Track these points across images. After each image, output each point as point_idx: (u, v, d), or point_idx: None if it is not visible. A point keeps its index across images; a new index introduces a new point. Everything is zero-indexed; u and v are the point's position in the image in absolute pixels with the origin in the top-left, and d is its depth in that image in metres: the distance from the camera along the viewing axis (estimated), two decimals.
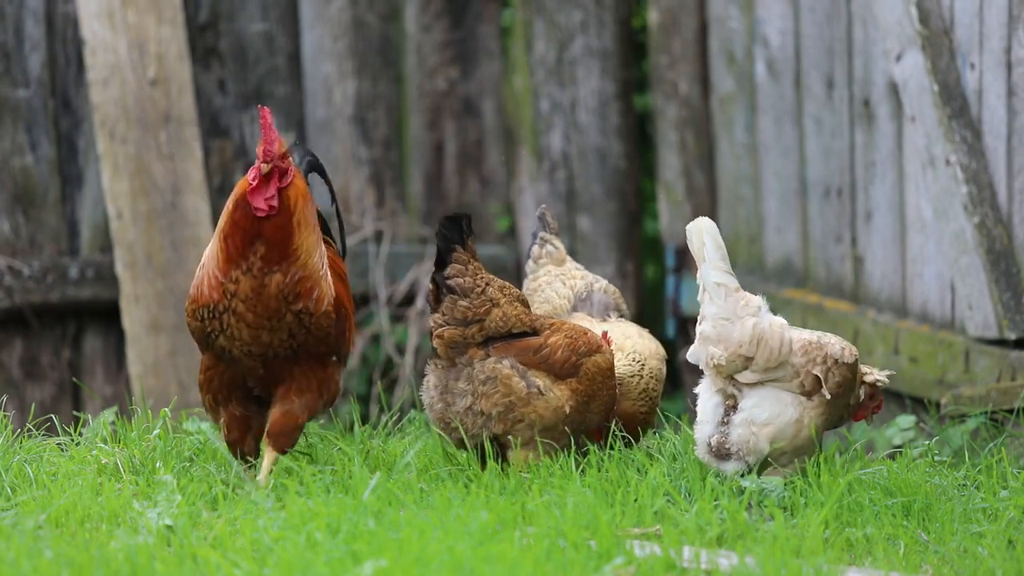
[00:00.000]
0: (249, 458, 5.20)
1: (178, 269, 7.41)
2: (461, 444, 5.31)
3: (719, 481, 5.04)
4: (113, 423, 5.75)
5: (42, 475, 5.03)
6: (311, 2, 7.88)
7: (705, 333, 5.24)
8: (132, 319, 7.43)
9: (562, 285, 5.88)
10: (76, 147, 7.50)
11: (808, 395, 5.22)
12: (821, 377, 5.20)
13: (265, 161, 5.02)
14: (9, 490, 4.97)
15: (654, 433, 5.74)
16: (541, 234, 5.98)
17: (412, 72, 8.06)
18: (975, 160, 6.32)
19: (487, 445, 5.21)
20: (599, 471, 5.10)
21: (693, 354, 5.28)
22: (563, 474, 5.04)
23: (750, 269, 7.57)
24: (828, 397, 5.20)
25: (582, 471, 5.16)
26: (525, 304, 5.37)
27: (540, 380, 5.24)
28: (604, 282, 5.90)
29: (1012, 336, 6.24)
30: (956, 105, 6.38)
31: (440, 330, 5.21)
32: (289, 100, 7.88)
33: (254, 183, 5.03)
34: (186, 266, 7.45)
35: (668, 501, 4.88)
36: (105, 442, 5.35)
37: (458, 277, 5.22)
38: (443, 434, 5.34)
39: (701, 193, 7.92)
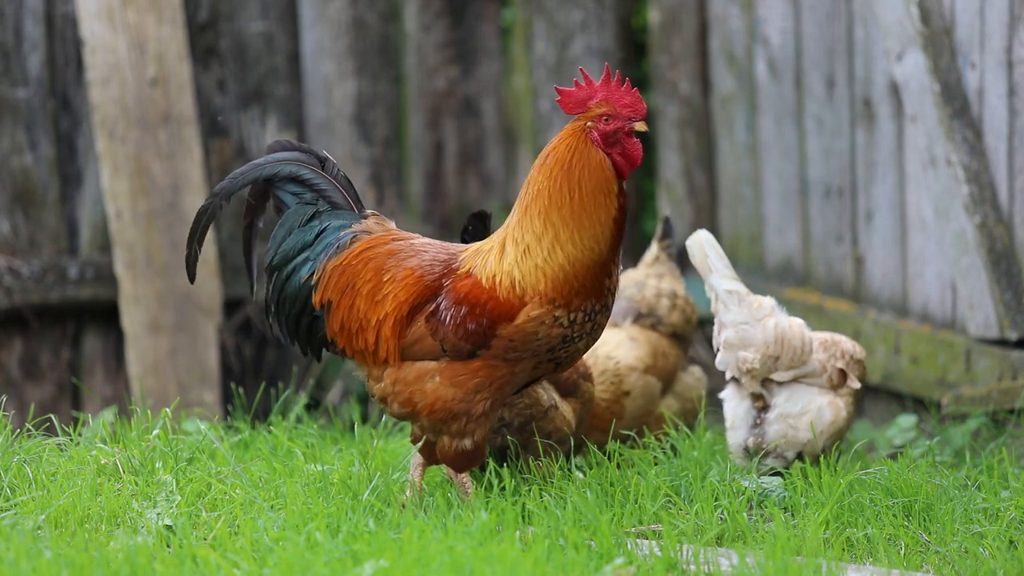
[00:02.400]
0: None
1: (178, 269, 7.40)
2: None
3: (719, 481, 5.04)
4: (112, 423, 5.75)
5: (41, 475, 5.02)
6: (311, 2, 7.87)
7: (730, 340, 5.30)
8: (132, 319, 7.42)
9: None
10: (75, 147, 7.49)
11: (835, 388, 5.31)
12: (846, 370, 5.30)
13: (643, 119, 4.25)
14: (8, 490, 4.96)
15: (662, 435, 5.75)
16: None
17: (412, 72, 8.06)
18: (976, 160, 6.31)
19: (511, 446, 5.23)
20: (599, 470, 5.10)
21: (722, 362, 5.33)
22: (563, 475, 5.04)
23: (751, 269, 7.57)
24: (859, 386, 5.30)
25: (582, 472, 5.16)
26: None
27: (556, 395, 5.28)
28: (649, 291, 5.94)
29: (1013, 336, 6.24)
30: (957, 105, 6.37)
31: None
32: (289, 100, 7.87)
33: (626, 150, 4.22)
34: None
35: (668, 501, 4.88)
36: (104, 442, 5.34)
37: None
38: None
39: (701, 193, 7.91)
